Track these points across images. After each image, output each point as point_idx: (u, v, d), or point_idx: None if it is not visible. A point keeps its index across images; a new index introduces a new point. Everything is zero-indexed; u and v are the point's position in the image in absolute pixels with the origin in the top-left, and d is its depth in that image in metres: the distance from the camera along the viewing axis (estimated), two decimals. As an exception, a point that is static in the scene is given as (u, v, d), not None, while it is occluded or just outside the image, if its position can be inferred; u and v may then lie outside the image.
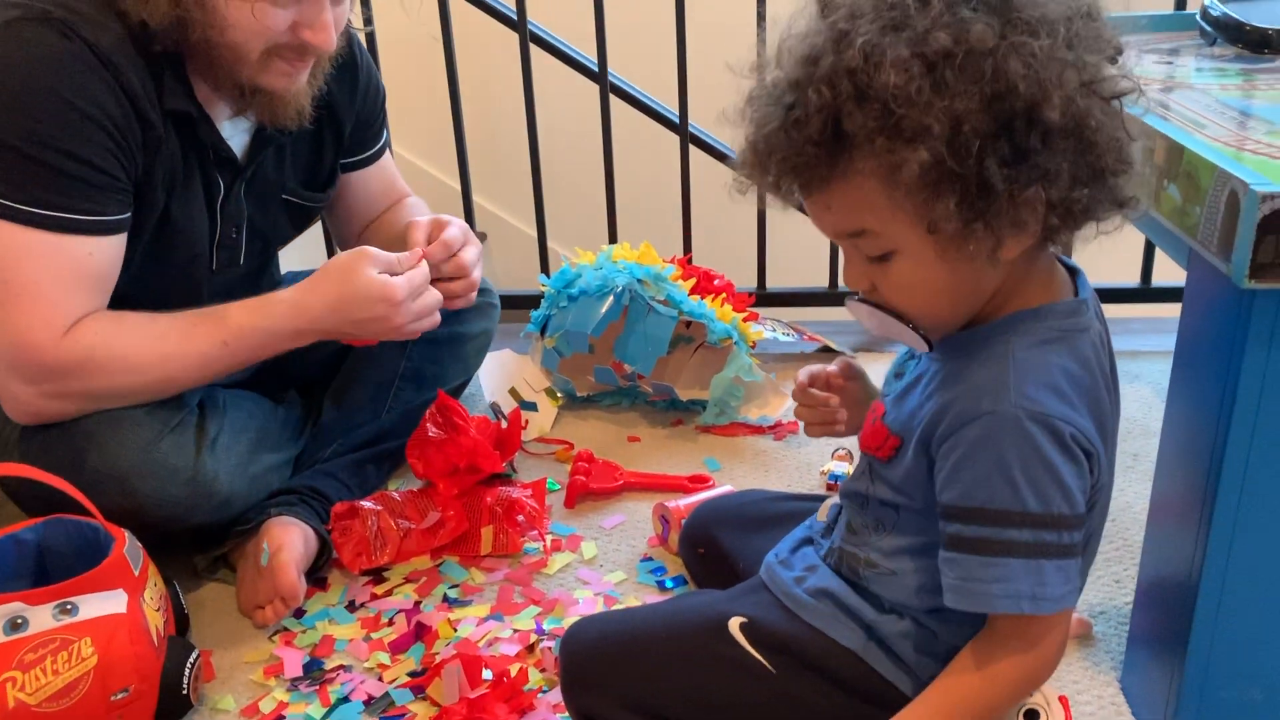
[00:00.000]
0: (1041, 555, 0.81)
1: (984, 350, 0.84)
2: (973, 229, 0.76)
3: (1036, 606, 0.81)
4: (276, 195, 1.35)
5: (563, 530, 1.38)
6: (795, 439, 1.59)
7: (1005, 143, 0.74)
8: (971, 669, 0.85)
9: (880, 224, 0.79)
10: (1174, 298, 1.89)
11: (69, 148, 1.08)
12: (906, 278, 0.82)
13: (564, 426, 1.65)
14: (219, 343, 1.18)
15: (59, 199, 1.09)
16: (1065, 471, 0.80)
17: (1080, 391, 0.82)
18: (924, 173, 0.74)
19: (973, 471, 0.81)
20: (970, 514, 0.82)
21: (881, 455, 0.91)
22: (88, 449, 1.15)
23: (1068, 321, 0.85)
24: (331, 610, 1.24)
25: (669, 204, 2.01)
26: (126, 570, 1.06)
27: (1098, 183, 0.77)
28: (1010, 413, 0.80)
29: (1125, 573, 1.25)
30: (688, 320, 1.63)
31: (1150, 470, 1.44)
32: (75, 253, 1.12)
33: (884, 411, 0.93)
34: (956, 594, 0.83)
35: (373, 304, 1.20)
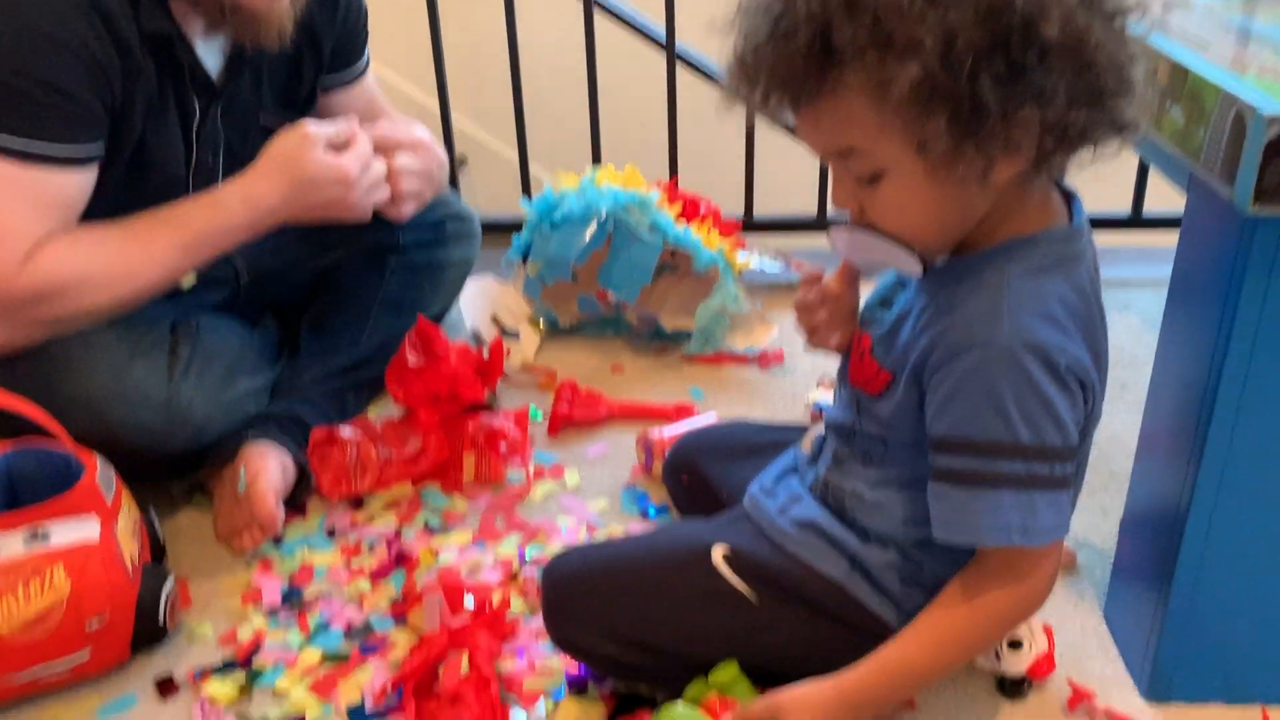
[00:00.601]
0: (1033, 487, 0.79)
1: (977, 279, 0.82)
2: (963, 149, 0.74)
3: (1027, 539, 0.80)
4: (253, 119, 1.30)
5: (546, 459, 1.37)
6: (780, 369, 1.57)
7: (1000, 59, 0.71)
8: (960, 601, 0.85)
9: (869, 142, 0.77)
10: (1166, 226, 1.87)
11: (45, 77, 1.04)
12: (894, 199, 0.80)
13: (547, 355, 1.62)
14: (177, 247, 1.16)
15: (32, 129, 1.05)
16: (1059, 403, 0.79)
17: (1076, 320, 0.81)
18: (914, 89, 0.71)
19: (965, 403, 0.80)
20: (961, 446, 0.80)
21: (871, 390, 0.89)
22: (56, 374, 1.12)
23: (1063, 248, 0.82)
24: (310, 538, 1.23)
25: (655, 126, 1.96)
26: (98, 497, 1.04)
27: (1096, 105, 0.74)
28: (1004, 343, 0.78)
29: (1111, 502, 1.24)
30: (673, 248, 1.59)
31: (1138, 400, 1.43)
32: (45, 185, 1.08)
33: (871, 345, 0.91)
34: (945, 527, 0.82)
35: (328, 186, 1.20)
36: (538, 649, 1.05)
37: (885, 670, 0.85)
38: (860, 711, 0.86)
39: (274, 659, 1.05)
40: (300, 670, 1.04)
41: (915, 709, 0.98)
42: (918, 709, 0.98)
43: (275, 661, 1.05)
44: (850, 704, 0.85)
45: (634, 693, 0.99)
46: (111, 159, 1.15)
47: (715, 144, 2.13)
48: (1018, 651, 0.97)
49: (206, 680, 1.03)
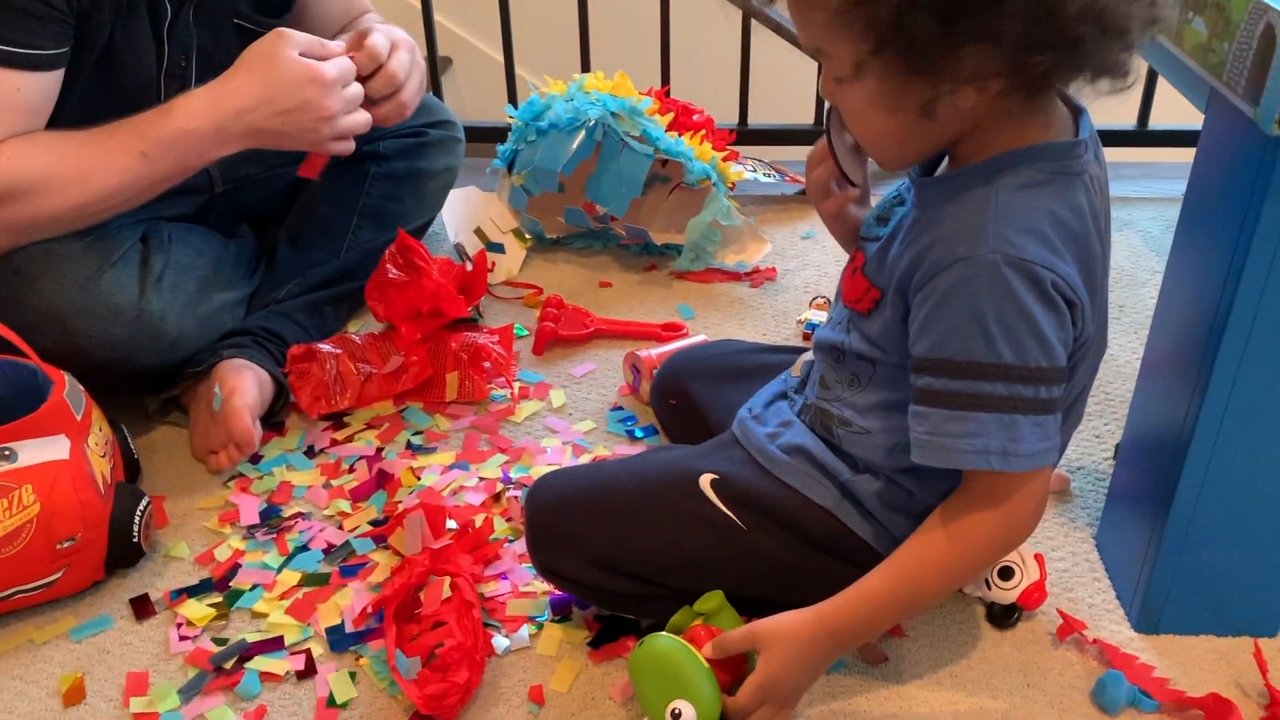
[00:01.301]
0: (1015, 410, 0.76)
1: (966, 193, 0.78)
2: (893, 80, 0.73)
3: (1007, 463, 0.77)
4: (228, 20, 1.24)
5: (530, 377, 1.34)
6: (772, 286, 1.54)
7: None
8: (942, 528, 0.82)
9: (829, 46, 0.76)
10: (1171, 142, 1.82)
11: None
12: (851, 106, 0.80)
13: (532, 270, 1.58)
14: (137, 154, 1.08)
15: None
16: (1044, 322, 0.75)
17: (1067, 236, 0.77)
18: (837, 15, 0.71)
19: (946, 321, 0.77)
20: (941, 366, 0.77)
21: (861, 308, 0.86)
22: (21, 287, 1.08)
23: (1060, 163, 0.78)
24: (289, 456, 1.20)
25: (646, 31, 1.88)
26: (68, 415, 1.00)
27: (1066, 49, 0.70)
28: (987, 258, 0.75)
29: (1106, 428, 1.22)
30: (664, 159, 1.54)
31: (1137, 322, 1.42)
32: (4, 87, 1.02)
33: (864, 261, 0.87)
34: (924, 449, 0.79)
35: (300, 87, 1.11)
36: (520, 573, 1.03)
37: (867, 599, 0.83)
38: (841, 640, 0.84)
39: (252, 580, 1.03)
40: (278, 592, 1.02)
41: (903, 636, 0.96)
42: (906, 636, 0.96)
43: (253, 583, 1.03)
44: (831, 633, 0.83)
45: (619, 618, 0.97)
46: (78, 61, 1.09)
47: (709, 52, 2.06)
48: (1008, 580, 0.95)
49: (183, 601, 1.01)
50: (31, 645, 0.98)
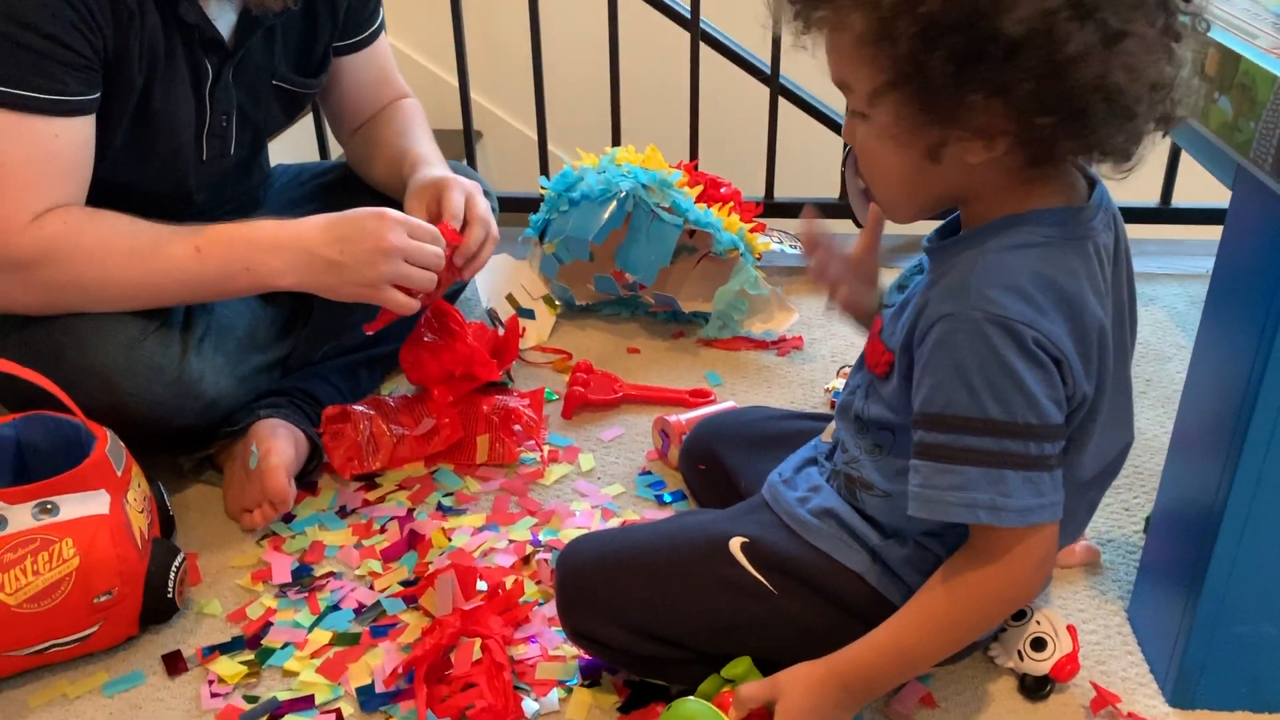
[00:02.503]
0: (1005, 465, 0.77)
1: (961, 255, 0.81)
2: (905, 116, 0.75)
3: (996, 517, 0.78)
4: (267, 81, 1.28)
5: (560, 441, 1.35)
6: (799, 354, 1.55)
7: (963, 39, 0.70)
8: (943, 583, 0.83)
9: (850, 80, 0.78)
10: (1194, 220, 1.84)
11: (28, 19, 1.02)
12: (866, 144, 0.82)
13: (562, 336, 1.60)
14: (191, 248, 1.11)
15: (17, 74, 1.03)
16: (1028, 377, 0.76)
17: (1055, 296, 0.78)
18: (863, 41, 0.73)
19: (934, 376, 0.79)
20: (932, 420, 0.79)
21: (879, 371, 0.88)
22: (68, 345, 1.11)
23: (1057, 229, 0.80)
24: (322, 515, 1.21)
25: (676, 106, 1.93)
26: (109, 470, 1.02)
27: (1073, 118, 0.72)
28: (967, 314, 0.77)
29: (1135, 500, 1.22)
30: (692, 229, 1.57)
31: (1163, 396, 1.42)
32: (39, 134, 1.05)
33: (881, 326, 0.89)
34: (916, 501, 0.81)
35: (362, 219, 1.13)
36: (550, 636, 1.03)
37: (876, 650, 0.84)
38: (853, 690, 0.85)
39: (283, 638, 1.04)
40: (309, 651, 1.02)
41: (935, 707, 0.96)
42: (938, 707, 0.96)
43: (284, 641, 1.04)
44: (842, 682, 0.84)
45: (648, 684, 0.97)
46: (113, 114, 1.12)
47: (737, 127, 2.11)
48: (1041, 651, 0.95)
49: (215, 658, 1.02)
50: (65, 700, 0.98)
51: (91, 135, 1.10)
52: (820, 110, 2.03)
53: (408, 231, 1.14)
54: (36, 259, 1.06)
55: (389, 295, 1.15)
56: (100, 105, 1.11)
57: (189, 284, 1.13)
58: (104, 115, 1.11)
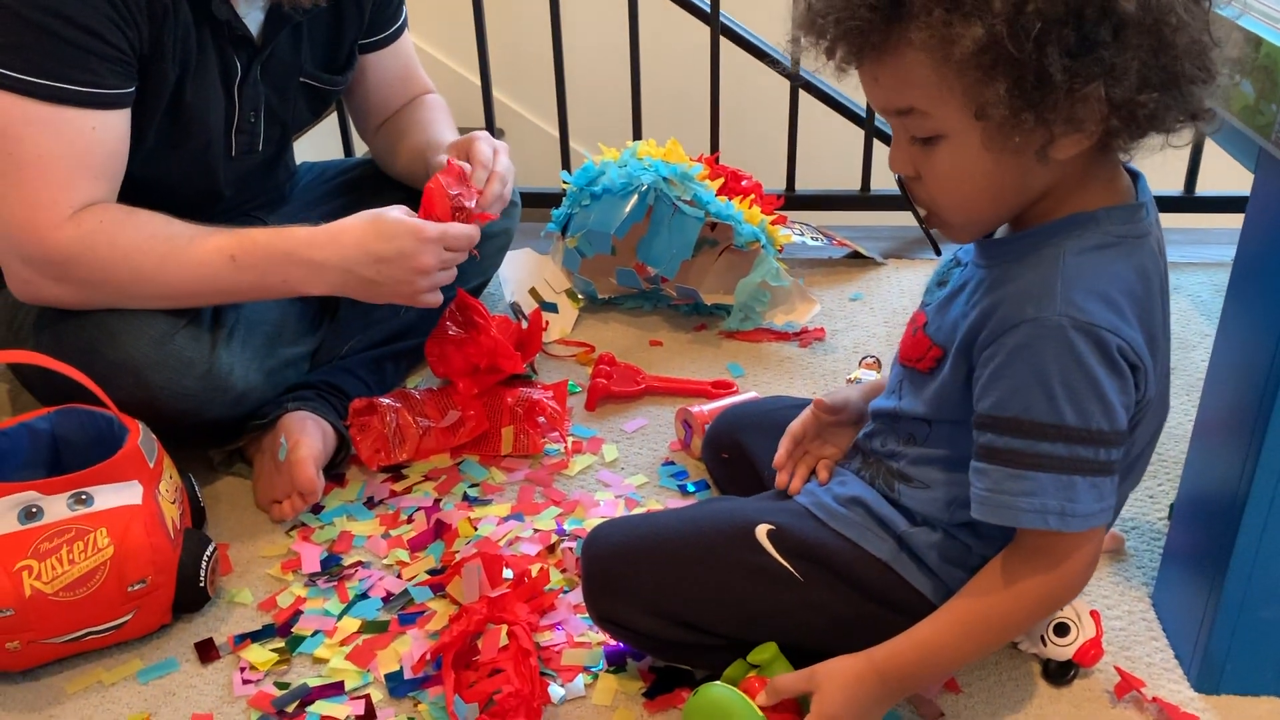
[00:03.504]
0: (1075, 471, 0.78)
1: (1033, 254, 0.80)
2: (1022, 119, 0.72)
3: (1064, 523, 0.78)
4: (294, 78, 1.30)
5: (583, 432, 1.36)
6: (821, 346, 1.56)
7: (1072, 31, 0.69)
8: (994, 583, 0.83)
9: (928, 103, 0.76)
10: (1218, 208, 1.83)
11: (67, 12, 1.03)
12: (949, 165, 0.78)
13: (585, 329, 1.61)
14: (226, 255, 1.12)
15: (57, 67, 1.04)
16: (1108, 385, 0.77)
17: (1133, 301, 0.78)
18: (978, 52, 0.70)
19: (1011, 380, 0.78)
20: (1004, 424, 0.78)
21: (922, 367, 0.88)
22: (101, 340, 1.12)
23: (1126, 227, 0.80)
24: (350, 506, 1.23)
25: (697, 100, 1.93)
26: (141, 462, 1.04)
27: (1171, 88, 0.72)
28: (1054, 320, 0.76)
29: (1159, 488, 1.22)
30: (714, 222, 1.58)
31: (1188, 384, 1.42)
32: (76, 127, 1.07)
33: (925, 321, 0.89)
34: (983, 505, 0.80)
35: (399, 238, 1.15)
36: (575, 623, 1.04)
37: (917, 647, 0.84)
38: (891, 685, 0.85)
39: (313, 626, 1.05)
40: (339, 638, 1.04)
41: (959, 692, 0.96)
42: (962, 692, 0.96)
43: (314, 629, 1.05)
44: (882, 677, 0.84)
45: (673, 669, 0.98)
46: (146, 109, 1.14)
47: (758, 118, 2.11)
48: (1065, 637, 0.95)
49: (246, 646, 1.03)
50: (100, 686, 1.00)
51: (127, 129, 1.12)
52: (841, 103, 2.03)
53: (445, 244, 1.17)
54: (73, 255, 1.08)
55: (422, 300, 1.19)
56: (134, 100, 1.12)
57: (223, 290, 1.15)
58: (138, 110, 1.13)
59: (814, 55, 0.79)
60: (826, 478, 0.99)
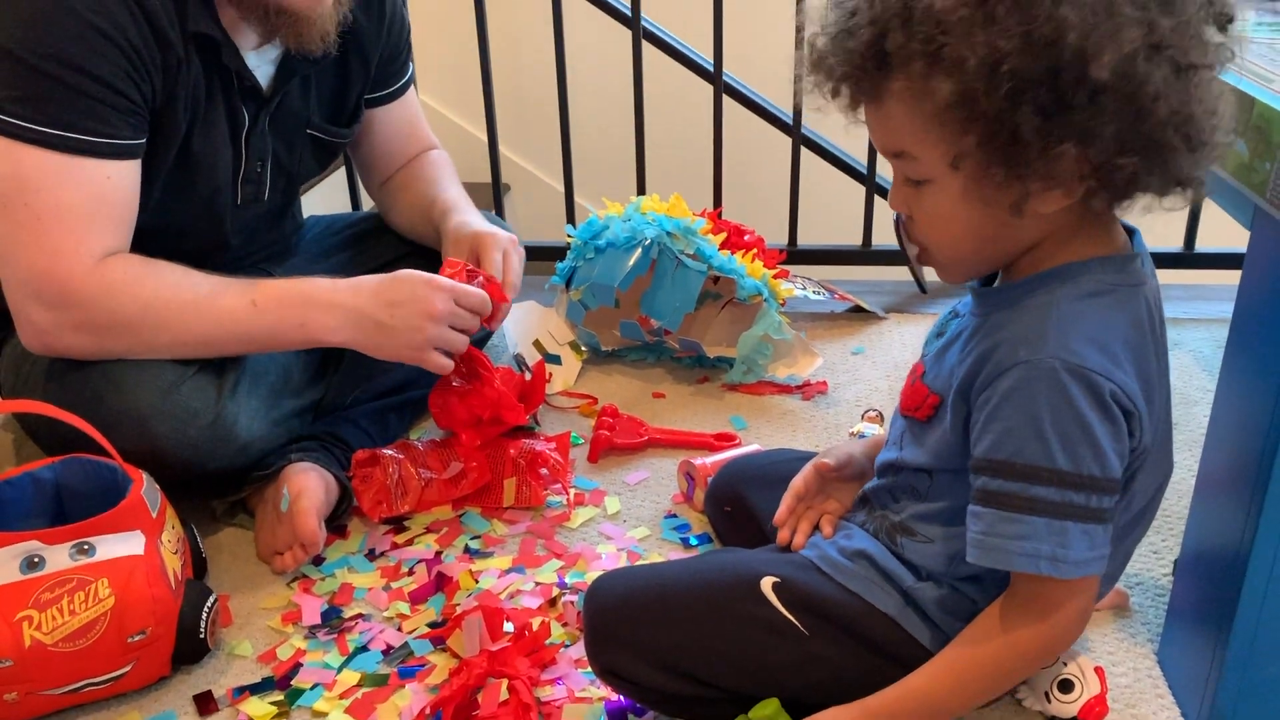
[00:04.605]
0: (1067, 516, 0.78)
1: (1027, 301, 0.81)
2: (993, 173, 0.75)
3: (1056, 569, 0.78)
4: (301, 129, 1.32)
5: (586, 485, 1.36)
6: (824, 399, 1.56)
7: (1046, 91, 0.71)
8: (987, 631, 0.84)
9: (915, 148, 0.78)
10: (1218, 264, 1.84)
11: (84, 65, 1.05)
12: (934, 208, 0.81)
13: (588, 381, 1.62)
14: (246, 300, 1.14)
15: (72, 118, 1.06)
16: (1100, 430, 0.77)
17: (1127, 348, 0.79)
18: (952, 105, 0.73)
19: (1004, 423, 0.79)
20: (998, 467, 0.79)
21: (920, 415, 0.88)
22: (107, 389, 1.13)
23: (1120, 276, 0.81)
24: (351, 558, 1.23)
25: (700, 156, 1.96)
26: (144, 512, 1.04)
27: (1151, 154, 0.73)
28: (1046, 364, 0.77)
29: (1164, 543, 1.21)
30: (717, 275, 1.59)
31: (1191, 439, 1.42)
32: (93, 176, 1.09)
33: (923, 371, 0.90)
34: (978, 549, 0.81)
35: (413, 284, 1.17)
36: (577, 677, 1.04)
37: (911, 696, 0.84)
38: None
39: (313, 679, 1.05)
40: (338, 691, 1.03)
41: (963, 749, 0.95)
42: (965, 750, 0.95)
43: (314, 682, 1.04)
44: None
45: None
46: (156, 159, 1.16)
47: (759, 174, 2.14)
48: (1069, 694, 0.94)
49: (245, 699, 1.03)
50: (97, 738, 0.99)
51: (138, 178, 1.14)
52: (841, 159, 2.05)
53: (455, 298, 1.18)
54: (95, 303, 1.10)
55: (430, 358, 1.20)
56: (145, 149, 1.14)
57: (241, 337, 1.16)
58: (148, 159, 1.15)
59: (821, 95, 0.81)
60: (830, 533, 0.99)
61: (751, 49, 2.06)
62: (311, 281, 1.18)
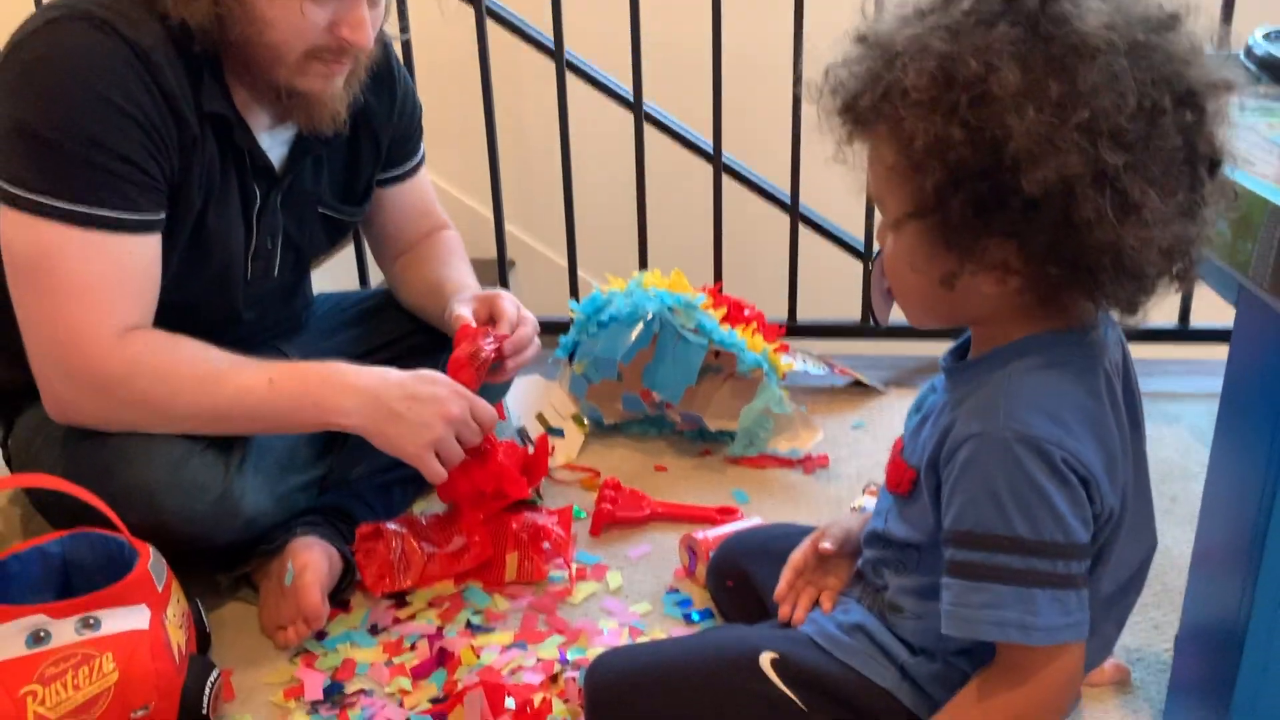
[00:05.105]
0: (1034, 584, 0.79)
1: (986, 376, 0.84)
2: (926, 245, 0.78)
3: (1026, 636, 0.79)
4: (312, 207, 1.35)
5: (588, 559, 1.37)
6: (825, 473, 1.57)
7: (985, 186, 0.74)
8: (970, 700, 0.84)
9: (885, 196, 0.82)
10: (1213, 339, 1.86)
11: (105, 141, 1.08)
12: (892, 255, 0.85)
13: (591, 454, 1.63)
14: (265, 378, 1.16)
15: (94, 194, 1.09)
16: (1056, 497, 0.78)
17: (1082, 417, 0.81)
18: (893, 171, 0.78)
19: (964, 494, 0.81)
20: (962, 538, 0.81)
21: (902, 490, 0.90)
22: (117, 463, 1.15)
23: (1075, 350, 0.83)
24: (354, 633, 1.23)
25: (700, 233, 2.00)
26: (150, 586, 1.05)
27: (1080, 272, 0.75)
28: (998, 435, 0.79)
29: (1164, 618, 1.22)
30: (718, 349, 1.61)
31: (1190, 514, 1.42)
32: (114, 251, 1.12)
33: (903, 446, 0.92)
34: (949, 619, 0.82)
35: (434, 383, 1.20)
36: (578, 753, 1.03)
37: None
38: None
39: (313, 755, 1.05)
40: (339, 768, 1.03)
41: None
42: (969, 828, 0.94)
43: (315, 758, 1.04)
44: None
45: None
46: (173, 234, 1.18)
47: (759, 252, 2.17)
48: (1072, 771, 0.94)
49: (246, 775, 1.03)
50: (97, 816, 0.99)
51: (159, 253, 1.16)
52: (839, 237, 2.09)
53: (471, 407, 1.21)
54: (118, 377, 1.12)
55: (430, 460, 1.20)
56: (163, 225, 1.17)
57: (256, 414, 1.18)
58: (165, 235, 1.17)
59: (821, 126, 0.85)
60: (830, 608, 0.99)
61: (749, 130, 2.11)
62: (331, 364, 1.20)
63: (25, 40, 1.11)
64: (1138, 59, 0.72)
